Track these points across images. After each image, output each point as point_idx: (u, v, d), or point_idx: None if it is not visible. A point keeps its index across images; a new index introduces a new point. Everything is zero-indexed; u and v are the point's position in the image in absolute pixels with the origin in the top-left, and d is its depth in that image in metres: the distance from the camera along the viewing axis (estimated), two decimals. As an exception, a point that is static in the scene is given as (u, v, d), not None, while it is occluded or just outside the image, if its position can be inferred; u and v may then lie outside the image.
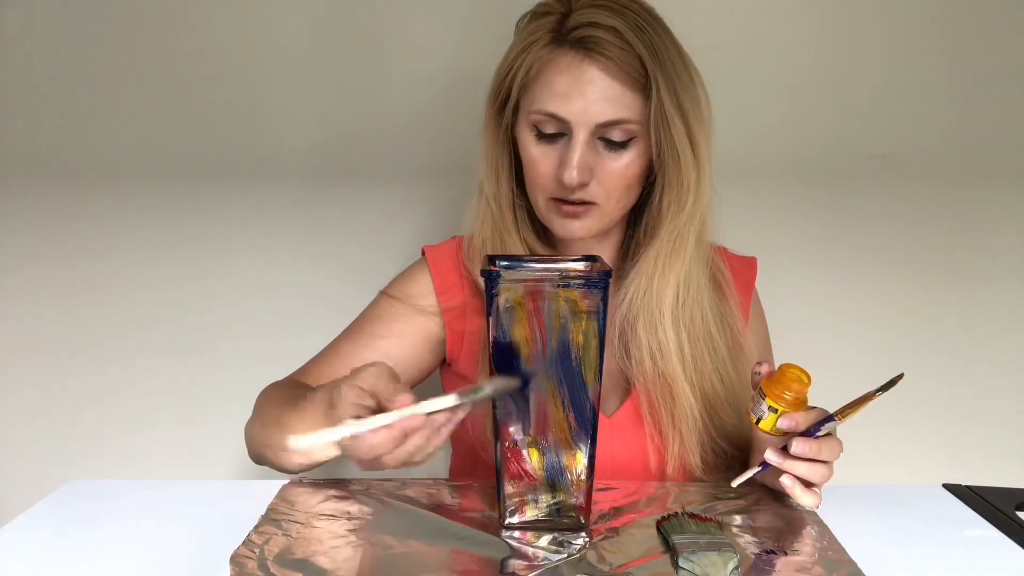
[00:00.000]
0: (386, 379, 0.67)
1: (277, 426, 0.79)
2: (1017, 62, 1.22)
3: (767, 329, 1.03)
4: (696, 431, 0.87)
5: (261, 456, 0.85)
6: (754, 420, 0.76)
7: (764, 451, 0.74)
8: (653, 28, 0.81)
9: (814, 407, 0.76)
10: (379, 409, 0.66)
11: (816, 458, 0.73)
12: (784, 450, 0.74)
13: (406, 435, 0.64)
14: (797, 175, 1.25)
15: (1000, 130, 1.24)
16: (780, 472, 0.73)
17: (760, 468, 0.76)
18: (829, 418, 0.74)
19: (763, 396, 0.75)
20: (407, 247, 1.23)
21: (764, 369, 0.77)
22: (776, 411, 0.74)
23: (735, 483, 0.77)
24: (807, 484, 0.74)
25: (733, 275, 0.95)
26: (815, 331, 1.26)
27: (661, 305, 0.86)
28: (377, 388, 0.66)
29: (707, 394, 0.88)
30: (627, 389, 0.91)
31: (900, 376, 0.72)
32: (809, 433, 0.74)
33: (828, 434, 0.74)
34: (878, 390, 0.72)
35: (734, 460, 0.91)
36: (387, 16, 1.21)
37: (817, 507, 0.75)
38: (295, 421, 0.75)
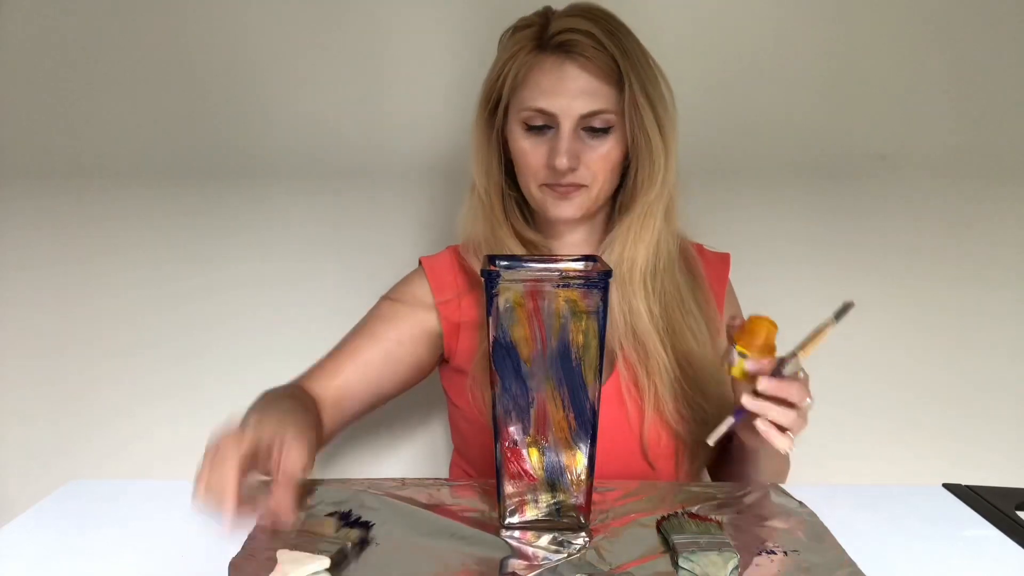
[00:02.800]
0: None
1: None
2: (1017, 62, 1.22)
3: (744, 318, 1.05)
4: (670, 382, 0.93)
5: None
6: (727, 369, 0.79)
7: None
8: (623, 32, 0.92)
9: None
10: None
11: (786, 398, 0.75)
12: (757, 394, 0.76)
13: None
14: (796, 175, 1.25)
15: (1000, 130, 1.24)
16: (756, 430, 0.76)
17: (733, 419, 0.78)
18: (792, 355, 0.77)
19: (734, 344, 0.78)
20: (405, 248, 1.23)
21: (737, 322, 0.81)
22: (745, 356, 0.77)
23: (711, 439, 0.79)
24: (781, 429, 0.76)
25: (707, 268, 1.01)
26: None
27: (632, 270, 0.93)
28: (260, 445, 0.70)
29: (680, 350, 0.94)
30: (611, 364, 0.95)
31: (851, 303, 0.76)
32: (777, 376, 0.76)
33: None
34: (833, 319, 0.76)
35: (710, 416, 0.93)
36: (386, 18, 1.21)
37: (789, 450, 0.76)
38: None
